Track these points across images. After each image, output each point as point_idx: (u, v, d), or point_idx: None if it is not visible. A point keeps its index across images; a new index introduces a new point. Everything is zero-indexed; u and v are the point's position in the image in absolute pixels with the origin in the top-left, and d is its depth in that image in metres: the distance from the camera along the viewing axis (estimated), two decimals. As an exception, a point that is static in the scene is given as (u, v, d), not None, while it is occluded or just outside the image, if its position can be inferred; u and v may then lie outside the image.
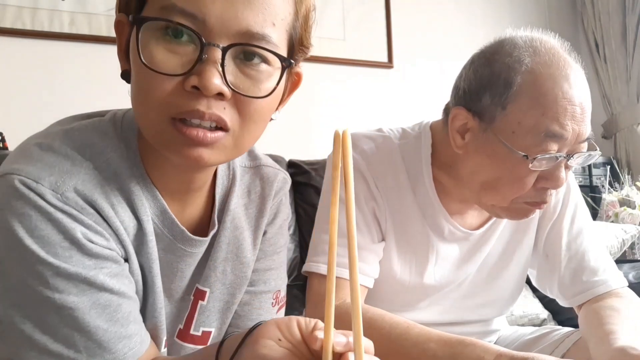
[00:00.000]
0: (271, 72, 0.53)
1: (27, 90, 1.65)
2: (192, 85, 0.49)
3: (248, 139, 0.56)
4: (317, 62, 2.06)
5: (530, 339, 0.99)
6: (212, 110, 0.50)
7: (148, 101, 0.51)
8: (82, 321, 0.51)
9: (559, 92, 0.74)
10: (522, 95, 0.75)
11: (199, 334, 0.68)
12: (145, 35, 0.50)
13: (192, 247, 0.64)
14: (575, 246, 0.93)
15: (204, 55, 0.49)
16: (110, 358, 0.53)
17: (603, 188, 2.24)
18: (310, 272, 0.85)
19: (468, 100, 0.81)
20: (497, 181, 0.79)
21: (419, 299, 0.94)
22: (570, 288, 0.92)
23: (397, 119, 2.22)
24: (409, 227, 0.89)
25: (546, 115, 0.73)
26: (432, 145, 0.89)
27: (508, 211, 0.83)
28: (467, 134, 0.81)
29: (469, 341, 0.67)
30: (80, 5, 1.75)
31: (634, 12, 2.49)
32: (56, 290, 0.50)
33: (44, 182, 0.50)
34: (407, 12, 2.31)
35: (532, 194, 0.79)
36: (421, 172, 0.89)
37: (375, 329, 0.73)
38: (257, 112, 0.53)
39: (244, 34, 0.50)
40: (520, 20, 2.56)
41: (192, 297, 0.68)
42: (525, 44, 0.77)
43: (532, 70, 0.75)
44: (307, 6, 0.57)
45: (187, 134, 0.50)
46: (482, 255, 0.95)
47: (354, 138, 0.91)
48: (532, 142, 0.74)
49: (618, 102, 2.55)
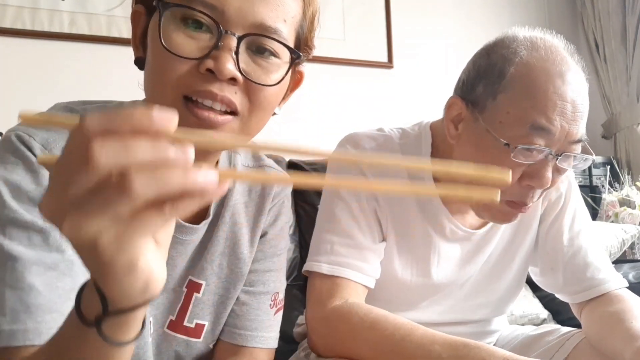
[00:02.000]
0: (280, 64, 0.57)
1: (27, 90, 1.65)
2: (207, 68, 0.52)
3: (255, 125, 0.59)
4: (317, 62, 2.06)
5: (531, 338, 0.99)
6: (224, 93, 0.53)
7: (163, 81, 0.53)
8: (20, 276, 0.50)
9: (550, 86, 0.73)
10: (513, 85, 0.74)
11: (192, 326, 0.70)
12: (166, 21, 0.53)
13: (182, 234, 0.65)
14: (577, 242, 0.93)
15: (220, 42, 0.52)
16: (32, 328, 0.50)
17: (603, 188, 2.24)
18: (311, 272, 0.85)
19: (464, 90, 0.81)
20: None
21: (420, 299, 0.94)
22: (574, 284, 0.92)
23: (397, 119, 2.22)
24: (410, 227, 0.89)
25: (534, 108, 0.72)
26: (432, 144, 0.89)
27: (490, 211, 0.82)
28: (461, 124, 0.81)
29: (474, 344, 0.67)
30: (80, 5, 1.75)
31: (634, 12, 2.49)
32: (8, 236, 0.51)
33: (37, 137, 0.54)
34: (407, 12, 2.31)
35: (516, 191, 0.77)
36: (421, 172, 0.89)
37: (379, 330, 0.73)
38: (266, 99, 0.57)
39: (258, 26, 0.54)
40: (520, 20, 2.56)
41: (184, 289, 0.69)
42: (526, 38, 0.78)
43: (526, 63, 0.75)
44: (314, 8, 0.62)
45: (199, 115, 0.53)
46: (484, 255, 0.95)
47: (355, 138, 0.91)
48: (517, 133, 0.73)
49: (618, 102, 2.55)
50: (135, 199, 0.30)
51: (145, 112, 0.31)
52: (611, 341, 0.79)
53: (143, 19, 0.57)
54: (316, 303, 0.82)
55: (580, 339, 0.89)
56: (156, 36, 0.53)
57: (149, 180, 0.30)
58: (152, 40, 0.55)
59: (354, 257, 0.83)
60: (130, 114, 0.31)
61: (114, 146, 0.30)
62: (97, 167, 0.29)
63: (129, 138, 0.30)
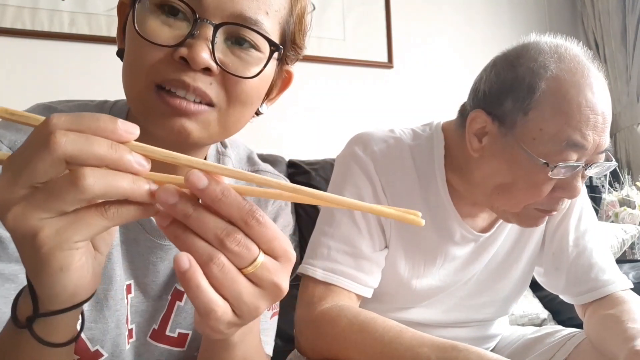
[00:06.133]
0: (261, 57, 0.54)
1: (27, 90, 1.65)
2: (181, 56, 0.50)
3: (234, 119, 0.56)
4: (317, 62, 2.05)
5: (532, 339, 0.99)
6: (197, 84, 0.51)
7: (136, 69, 0.52)
8: None
9: (582, 101, 0.73)
10: (545, 101, 0.74)
11: (174, 335, 0.68)
12: (142, 7, 0.51)
13: (161, 238, 0.63)
14: (583, 243, 0.93)
15: (195, 30, 0.50)
16: None
17: (603, 188, 2.23)
18: (305, 275, 0.84)
19: (488, 103, 0.80)
20: (512, 186, 0.78)
21: (424, 298, 0.93)
22: (578, 285, 0.92)
23: (397, 119, 2.22)
24: (417, 232, 0.88)
25: (569, 124, 0.73)
26: (445, 147, 0.88)
27: (519, 217, 0.82)
28: (485, 138, 0.80)
29: (463, 346, 0.67)
30: (80, 5, 1.75)
31: (634, 12, 2.49)
32: None
33: (4, 140, 0.54)
34: (407, 13, 2.31)
35: (546, 202, 0.78)
36: (433, 174, 0.88)
37: (368, 332, 0.73)
38: (245, 92, 0.54)
39: (237, 17, 0.51)
40: (520, 20, 2.56)
41: (169, 297, 0.67)
42: (551, 49, 0.77)
43: (556, 77, 0.74)
44: (302, 5, 0.59)
45: (171, 103, 0.50)
46: (488, 254, 0.94)
47: (365, 138, 0.90)
48: (552, 149, 0.73)
49: (618, 102, 2.54)
50: (83, 192, 0.31)
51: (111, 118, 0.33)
52: (609, 342, 0.79)
53: (127, 10, 0.55)
54: (306, 305, 0.82)
55: (581, 339, 0.89)
56: (132, 22, 0.51)
57: (100, 178, 0.31)
58: (129, 28, 0.53)
59: (350, 265, 0.82)
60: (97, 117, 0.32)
61: (76, 136, 0.31)
62: (55, 151, 0.30)
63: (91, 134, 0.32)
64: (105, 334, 0.61)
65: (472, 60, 2.04)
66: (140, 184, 0.33)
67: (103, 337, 0.61)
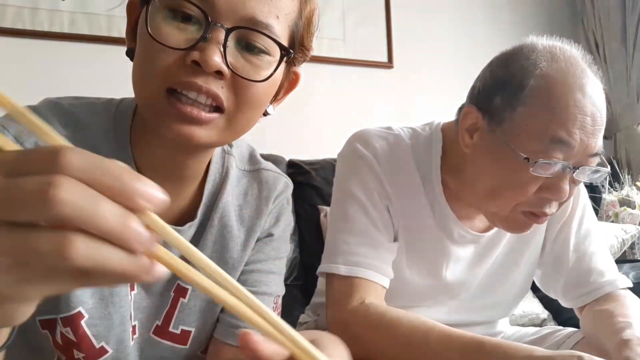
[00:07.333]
0: (271, 61, 0.55)
1: (27, 90, 1.65)
2: (193, 59, 0.50)
3: (242, 123, 0.57)
4: (317, 62, 2.05)
5: (532, 339, 0.99)
6: (209, 86, 0.51)
7: (148, 71, 0.52)
8: None
9: (570, 100, 0.72)
10: (532, 98, 0.73)
11: (177, 332, 0.68)
12: (155, 11, 0.51)
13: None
14: (583, 247, 0.93)
15: (208, 34, 0.51)
16: None
17: (603, 188, 2.23)
18: (328, 273, 0.84)
19: (480, 99, 0.80)
20: (499, 186, 0.78)
21: (426, 298, 0.93)
22: (576, 289, 0.92)
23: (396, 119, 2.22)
24: (421, 229, 0.88)
25: (554, 121, 0.72)
26: (443, 148, 0.88)
27: (507, 221, 0.81)
28: (476, 134, 0.80)
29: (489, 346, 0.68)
30: (80, 5, 1.75)
31: (634, 12, 2.49)
32: None
33: (10, 130, 0.54)
34: (407, 13, 2.31)
35: (533, 202, 0.77)
36: (431, 175, 0.88)
37: (395, 337, 0.74)
38: (254, 96, 0.55)
39: (249, 21, 0.52)
40: (520, 20, 2.55)
41: (172, 293, 0.67)
42: (545, 49, 0.76)
43: (546, 75, 0.73)
44: (311, 8, 0.60)
45: (181, 110, 0.51)
46: (491, 257, 0.94)
47: (365, 136, 0.90)
48: (537, 147, 0.72)
49: (618, 102, 2.54)
50: (64, 261, 0.25)
51: (137, 176, 0.27)
52: (601, 336, 0.80)
53: (137, 10, 0.56)
54: (334, 305, 0.82)
55: (579, 338, 0.89)
56: (144, 25, 0.51)
57: (92, 249, 0.26)
58: (141, 30, 0.53)
59: (371, 256, 0.82)
60: (119, 172, 0.27)
61: (81, 194, 0.25)
62: (51, 209, 0.24)
63: (101, 194, 0.26)
64: (110, 330, 0.61)
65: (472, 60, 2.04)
66: (138, 266, 0.28)
67: (108, 334, 0.61)
